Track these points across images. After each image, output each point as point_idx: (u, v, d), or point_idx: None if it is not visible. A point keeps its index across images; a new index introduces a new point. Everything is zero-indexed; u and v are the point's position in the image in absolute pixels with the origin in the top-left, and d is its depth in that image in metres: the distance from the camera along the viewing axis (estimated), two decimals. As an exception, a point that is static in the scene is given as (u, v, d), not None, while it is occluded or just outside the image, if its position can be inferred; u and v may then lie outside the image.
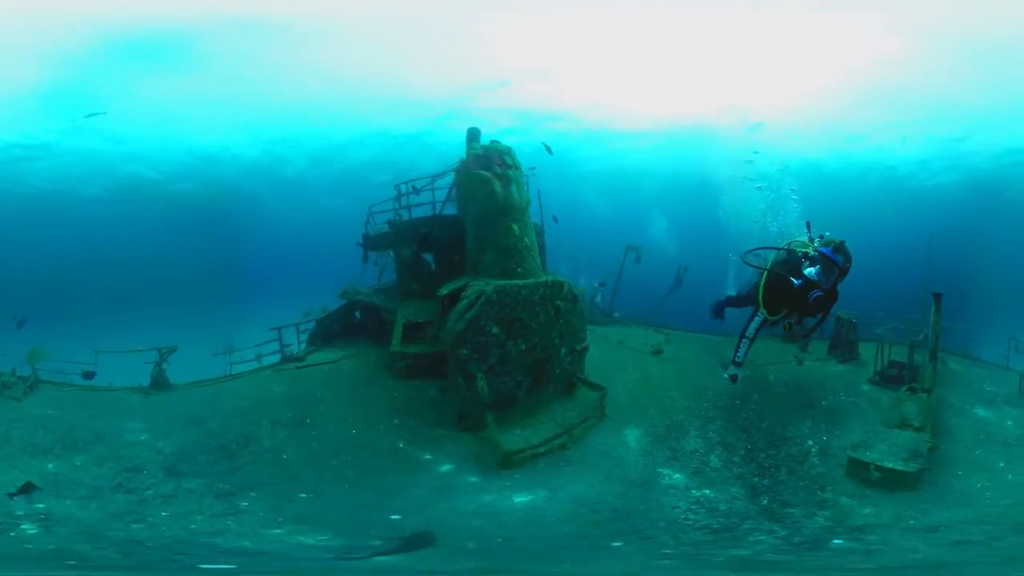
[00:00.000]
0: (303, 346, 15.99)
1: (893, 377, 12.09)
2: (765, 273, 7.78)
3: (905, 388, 10.79)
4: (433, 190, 15.76)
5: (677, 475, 8.08)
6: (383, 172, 29.78)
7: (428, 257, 15.43)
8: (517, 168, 12.23)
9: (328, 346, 15.91)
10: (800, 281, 7.37)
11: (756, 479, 8.10)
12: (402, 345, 13.73)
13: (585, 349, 11.58)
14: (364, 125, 28.57)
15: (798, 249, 7.64)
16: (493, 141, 13.53)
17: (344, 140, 30.22)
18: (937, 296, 10.86)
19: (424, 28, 21.65)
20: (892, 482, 7.94)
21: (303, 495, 8.73)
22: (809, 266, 7.42)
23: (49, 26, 19.25)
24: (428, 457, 10.41)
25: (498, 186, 11.42)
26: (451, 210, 15.47)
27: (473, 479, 9.14)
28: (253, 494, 8.60)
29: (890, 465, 8.19)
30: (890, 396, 11.01)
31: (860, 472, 8.10)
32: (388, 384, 13.38)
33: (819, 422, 10.18)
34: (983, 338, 14.61)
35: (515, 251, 10.90)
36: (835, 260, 7.30)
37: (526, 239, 11.27)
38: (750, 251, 8.22)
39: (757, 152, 23.91)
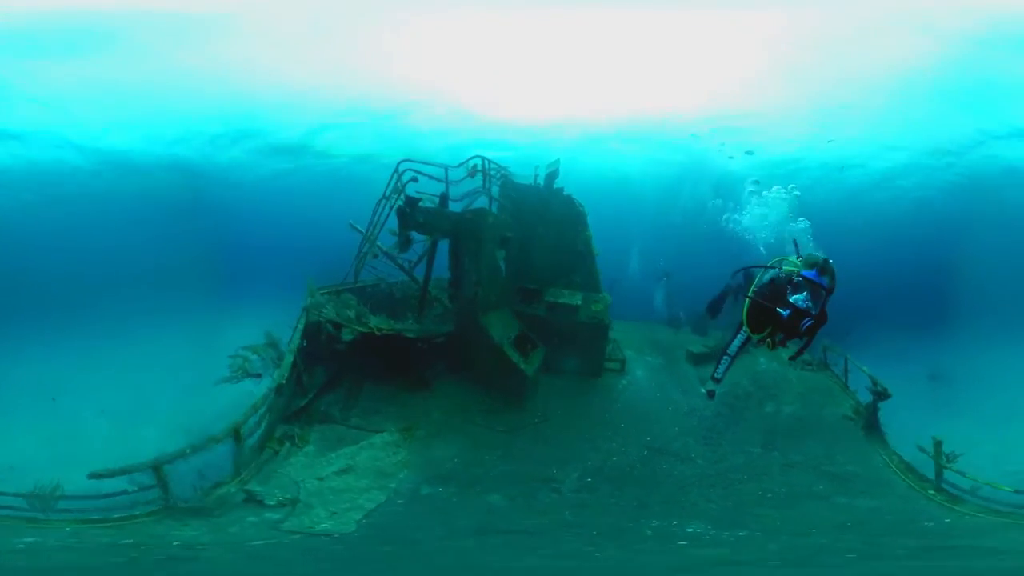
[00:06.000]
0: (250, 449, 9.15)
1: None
2: (747, 301, 7.50)
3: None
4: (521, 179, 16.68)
5: (657, 360, 22.89)
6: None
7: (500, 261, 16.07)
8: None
9: (305, 419, 9.86)
10: (788, 311, 6.95)
11: (671, 362, 23.24)
12: (527, 362, 13.60)
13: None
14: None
15: (788, 270, 7.30)
16: (561, 184, 17.73)
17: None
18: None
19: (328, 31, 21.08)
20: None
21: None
22: (794, 292, 7.01)
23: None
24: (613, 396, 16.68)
25: (593, 243, 18.90)
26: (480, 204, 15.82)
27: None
28: None
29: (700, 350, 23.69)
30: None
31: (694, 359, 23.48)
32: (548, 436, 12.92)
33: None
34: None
35: (599, 282, 19.55)
36: (821, 284, 6.85)
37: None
38: (740, 270, 8.30)
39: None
